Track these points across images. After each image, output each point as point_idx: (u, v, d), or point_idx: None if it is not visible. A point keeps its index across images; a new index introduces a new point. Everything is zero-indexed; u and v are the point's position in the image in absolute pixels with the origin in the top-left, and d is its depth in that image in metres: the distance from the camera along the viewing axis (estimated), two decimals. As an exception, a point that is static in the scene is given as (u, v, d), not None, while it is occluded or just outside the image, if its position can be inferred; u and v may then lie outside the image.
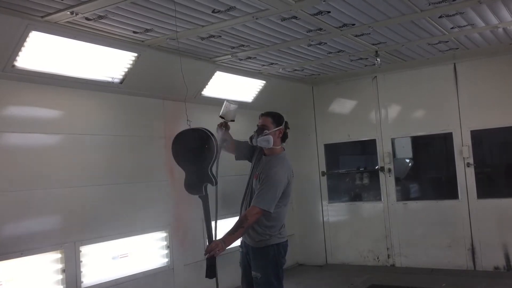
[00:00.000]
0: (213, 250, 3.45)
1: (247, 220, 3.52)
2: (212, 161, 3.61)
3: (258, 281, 3.62)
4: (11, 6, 3.61)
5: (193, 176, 3.73)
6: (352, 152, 8.30)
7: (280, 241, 3.70)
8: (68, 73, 4.52)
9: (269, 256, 3.64)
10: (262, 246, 3.65)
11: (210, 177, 3.61)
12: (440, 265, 6.82)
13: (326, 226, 7.82)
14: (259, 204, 3.53)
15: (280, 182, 3.60)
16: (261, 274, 3.61)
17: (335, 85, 7.73)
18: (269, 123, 3.74)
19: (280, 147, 3.81)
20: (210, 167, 3.61)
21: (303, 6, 4.14)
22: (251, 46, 5.21)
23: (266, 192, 3.54)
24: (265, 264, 3.64)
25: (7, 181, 4.13)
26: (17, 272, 4.12)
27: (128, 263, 5.10)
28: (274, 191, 3.56)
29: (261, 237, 3.64)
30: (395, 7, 4.37)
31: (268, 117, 3.77)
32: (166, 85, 5.48)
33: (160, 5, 3.82)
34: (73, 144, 4.70)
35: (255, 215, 3.53)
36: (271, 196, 3.55)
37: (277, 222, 3.69)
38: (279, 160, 3.72)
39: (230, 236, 3.54)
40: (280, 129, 3.76)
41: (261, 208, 3.53)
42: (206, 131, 3.67)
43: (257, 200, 3.55)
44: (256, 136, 3.73)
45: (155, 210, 5.47)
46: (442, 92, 6.95)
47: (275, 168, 3.63)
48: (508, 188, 6.76)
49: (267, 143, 3.69)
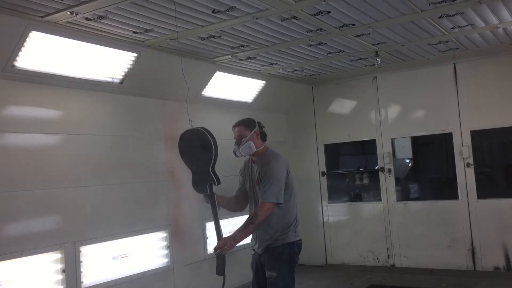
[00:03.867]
0: (222, 248, 3.46)
1: (257, 217, 3.55)
2: (212, 161, 3.61)
3: (273, 281, 3.61)
4: (11, 6, 3.61)
5: (197, 175, 3.75)
6: (352, 152, 8.30)
7: (295, 239, 3.73)
8: (68, 73, 4.52)
9: (284, 255, 3.66)
10: (277, 245, 3.66)
11: (212, 176, 3.62)
12: (440, 265, 6.82)
13: (326, 226, 7.82)
14: (267, 199, 3.57)
15: (280, 173, 3.65)
16: (277, 273, 3.61)
17: (335, 85, 7.73)
18: (243, 131, 3.81)
19: (264, 146, 3.87)
20: (211, 167, 3.62)
21: (303, 6, 4.14)
22: (251, 46, 5.21)
23: (269, 186, 3.59)
24: (280, 263, 3.64)
25: (7, 181, 4.12)
26: (17, 272, 4.11)
27: (128, 263, 5.09)
28: (277, 183, 3.60)
29: (278, 236, 3.66)
30: (395, 7, 4.38)
31: (241, 126, 3.84)
32: (166, 85, 5.48)
33: (160, 5, 3.82)
34: (73, 144, 4.70)
35: (266, 211, 3.56)
36: (275, 188, 3.59)
37: (289, 216, 3.70)
38: (271, 155, 3.79)
39: (241, 233, 3.57)
40: (256, 131, 3.83)
41: (270, 202, 3.57)
42: (205, 131, 3.67)
43: (264, 196, 3.60)
44: (237, 148, 3.79)
45: (155, 210, 5.47)
46: (442, 92, 6.95)
47: (271, 163, 3.69)
48: (508, 188, 6.77)
49: (250, 149, 3.75)
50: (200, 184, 3.70)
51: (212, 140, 3.61)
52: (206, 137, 3.63)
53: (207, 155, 3.61)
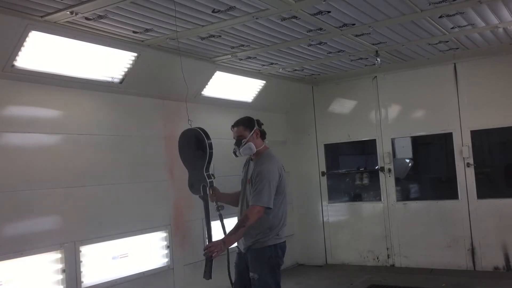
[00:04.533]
0: (212, 251, 3.44)
1: (248, 219, 3.51)
2: (206, 163, 3.59)
3: (255, 283, 3.62)
4: (11, 6, 3.61)
5: (192, 176, 3.74)
6: (352, 152, 8.30)
7: (278, 242, 3.69)
8: (68, 73, 4.52)
9: (265, 257, 3.64)
10: (258, 247, 3.64)
11: (205, 178, 3.60)
12: (440, 265, 6.82)
13: (326, 226, 7.82)
14: (258, 202, 3.54)
15: (273, 177, 3.63)
16: (258, 275, 3.60)
17: (335, 85, 7.73)
18: (242, 131, 3.78)
19: (264, 146, 3.85)
20: (205, 169, 3.60)
21: (303, 6, 4.13)
22: (251, 46, 5.21)
23: (261, 189, 3.56)
24: (262, 265, 3.63)
25: (8, 181, 4.12)
26: (17, 272, 4.11)
27: (128, 263, 5.09)
28: (269, 187, 3.58)
29: (258, 238, 3.63)
30: (395, 7, 4.37)
31: (240, 126, 3.80)
32: (166, 85, 5.48)
33: (160, 5, 3.82)
34: (73, 144, 4.70)
35: (256, 214, 3.53)
36: (267, 192, 3.56)
37: (273, 221, 3.66)
38: (266, 157, 3.77)
39: (231, 236, 3.54)
40: (256, 131, 3.80)
41: (261, 206, 3.54)
42: (200, 132, 3.65)
43: (255, 199, 3.56)
44: (238, 149, 3.77)
45: (155, 210, 5.47)
46: (442, 92, 6.95)
47: (264, 165, 3.68)
48: (508, 188, 6.76)
49: (251, 150, 3.74)
50: (195, 185, 3.70)
51: (207, 140, 3.58)
52: (202, 138, 3.61)
53: (202, 156, 3.59)
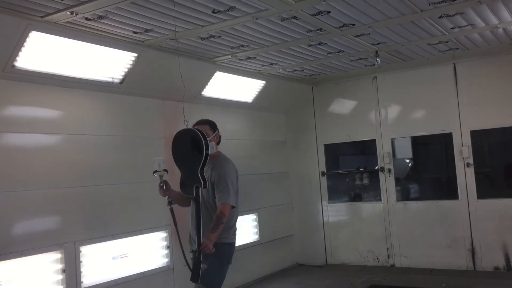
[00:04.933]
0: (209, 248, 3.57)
1: (224, 216, 3.71)
2: (201, 163, 3.59)
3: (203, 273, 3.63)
4: (11, 6, 3.61)
5: (186, 176, 3.76)
6: (352, 152, 8.30)
7: (233, 240, 3.94)
8: (68, 73, 4.52)
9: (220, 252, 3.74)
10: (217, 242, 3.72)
11: (200, 179, 3.61)
12: (440, 265, 6.83)
13: (326, 226, 7.82)
14: (228, 200, 3.76)
15: (233, 178, 3.87)
16: (207, 266, 3.65)
17: (335, 85, 7.73)
18: (208, 130, 3.93)
19: (218, 150, 4.03)
20: (200, 169, 3.61)
21: (303, 6, 4.14)
22: (251, 46, 5.21)
23: (228, 190, 3.77)
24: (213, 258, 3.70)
25: (7, 181, 4.12)
26: (17, 272, 4.11)
27: (128, 263, 5.09)
28: (232, 187, 3.82)
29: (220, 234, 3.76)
30: (395, 7, 4.38)
31: (206, 125, 3.97)
32: (166, 85, 5.48)
33: (160, 5, 3.82)
34: (73, 144, 4.70)
35: (228, 211, 3.74)
36: (232, 192, 3.80)
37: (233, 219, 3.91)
38: (223, 160, 3.98)
39: (214, 234, 3.68)
40: (217, 134, 4.00)
41: (230, 203, 3.73)
42: (198, 132, 3.66)
43: (224, 197, 3.75)
44: None
45: (155, 210, 5.45)
46: (442, 92, 6.95)
47: (224, 167, 3.88)
48: (508, 188, 6.77)
49: (212, 149, 3.82)
50: (188, 186, 3.71)
51: (204, 141, 3.60)
52: (199, 138, 3.61)
53: (198, 156, 3.60)
